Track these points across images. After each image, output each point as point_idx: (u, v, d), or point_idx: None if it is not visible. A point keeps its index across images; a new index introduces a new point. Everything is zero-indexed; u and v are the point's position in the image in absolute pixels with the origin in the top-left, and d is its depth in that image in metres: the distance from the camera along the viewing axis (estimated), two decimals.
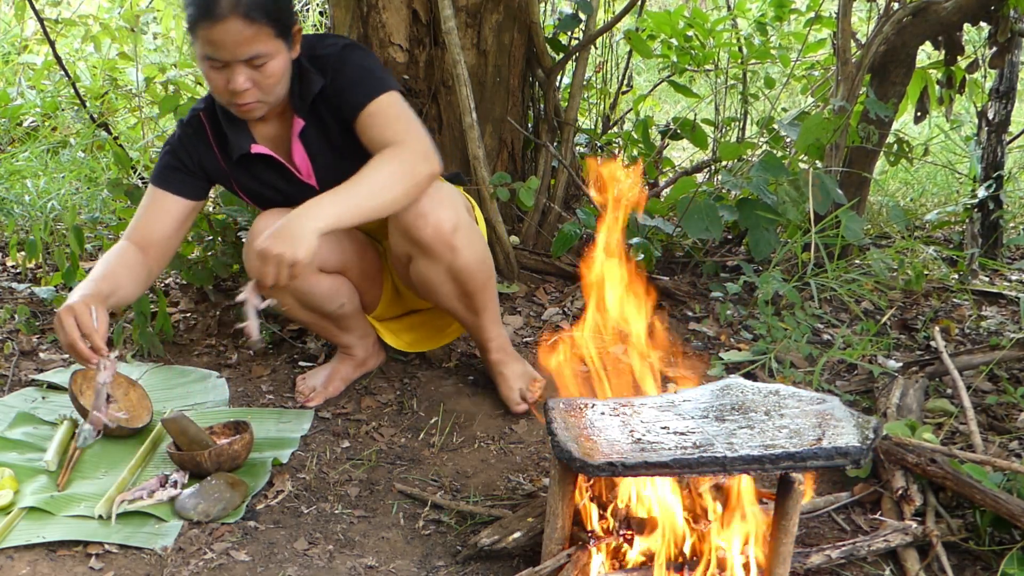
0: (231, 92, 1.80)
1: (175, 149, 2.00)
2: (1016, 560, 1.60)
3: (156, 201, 1.98)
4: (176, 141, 2.00)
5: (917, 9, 2.80)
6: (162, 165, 2.00)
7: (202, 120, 1.99)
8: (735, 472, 1.36)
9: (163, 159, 2.01)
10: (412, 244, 1.96)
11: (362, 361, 2.30)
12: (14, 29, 4.96)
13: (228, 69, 1.76)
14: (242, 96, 1.80)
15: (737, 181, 2.84)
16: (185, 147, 1.99)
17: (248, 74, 1.78)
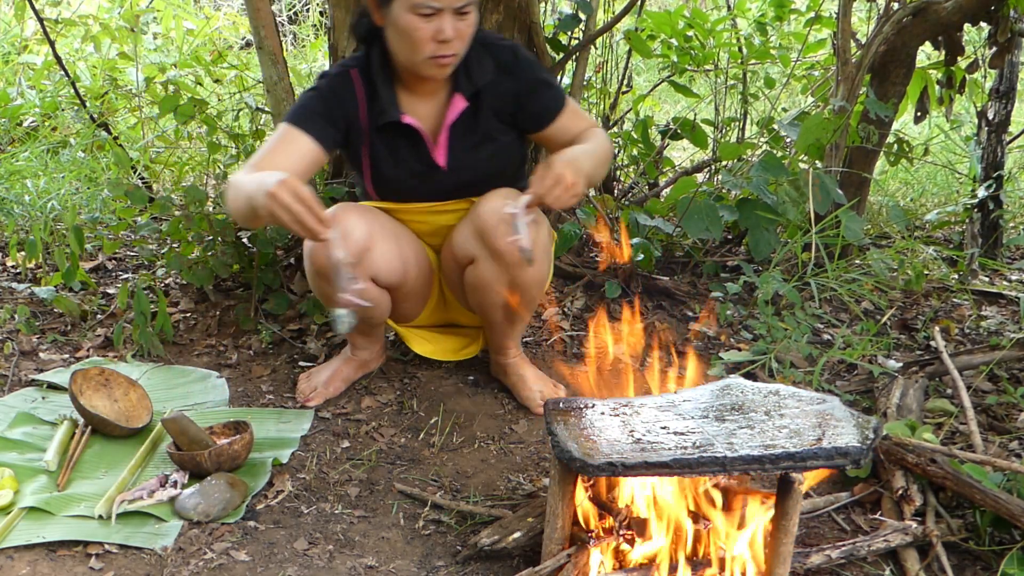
0: (439, 42, 1.81)
1: (323, 95, 1.95)
2: (1016, 560, 1.60)
3: (290, 139, 1.90)
4: (325, 88, 1.96)
5: (917, 9, 2.80)
6: (304, 107, 1.94)
7: (352, 77, 1.97)
8: (735, 472, 1.36)
9: (307, 102, 1.95)
10: (484, 247, 1.96)
11: (365, 363, 2.30)
12: (14, 29, 4.96)
13: (437, 18, 1.79)
14: (448, 46, 1.82)
15: (737, 181, 2.84)
16: (335, 95, 1.96)
17: (453, 24, 1.80)
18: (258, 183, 1.64)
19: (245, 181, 1.72)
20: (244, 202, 1.70)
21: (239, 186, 1.74)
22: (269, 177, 1.63)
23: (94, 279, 2.88)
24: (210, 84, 4.08)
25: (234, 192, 1.77)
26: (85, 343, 2.49)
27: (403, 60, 1.90)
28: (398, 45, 1.88)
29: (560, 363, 2.48)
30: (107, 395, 2.09)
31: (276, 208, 1.59)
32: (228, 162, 3.06)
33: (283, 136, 1.90)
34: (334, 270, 1.70)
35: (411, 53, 1.85)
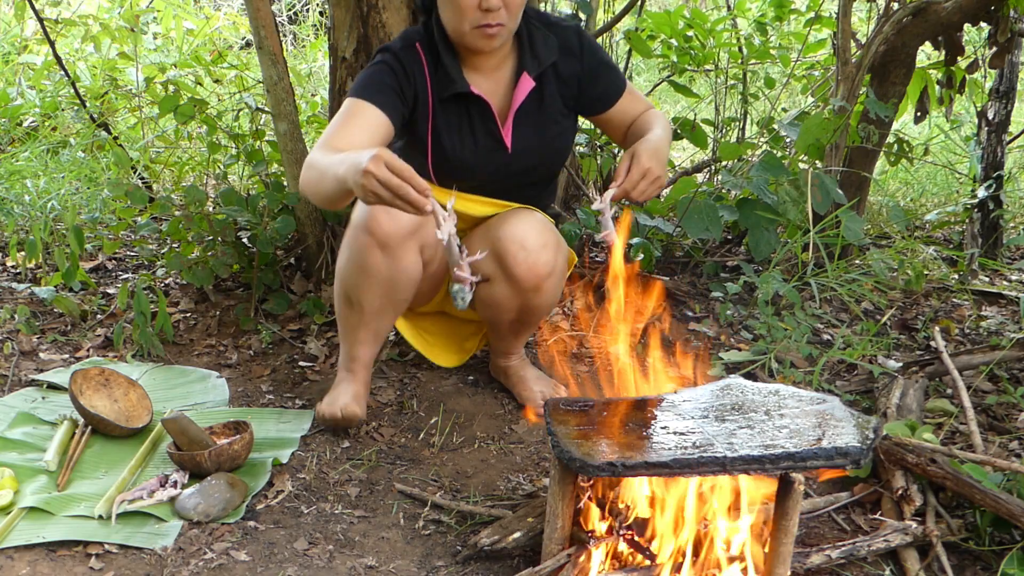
0: (484, 11, 1.77)
1: (392, 68, 1.88)
2: (1016, 560, 1.60)
3: (361, 113, 1.82)
4: (393, 60, 1.88)
5: (917, 9, 2.80)
6: (373, 80, 1.86)
7: (417, 49, 1.90)
8: (735, 472, 1.36)
9: (376, 75, 1.87)
10: (501, 270, 1.96)
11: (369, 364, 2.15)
12: (14, 29, 4.96)
13: None
14: (495, 15, 1.78)
15: (737, 181, 2.84)
16: (403, 67, 1.88)
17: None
18: (351, 163, 1.56)
19: (329, 162, 1.66)
20: (332, 184, 1.63)
21: (321, 168, 1.68)
22: (359, 155, 1.55)
23: (94, 279, 2.88)
24: (210, 84, 4.08)
25: (316, 174, 1.70)
26: (85, 343, 2.49)
27: (452, 31, 1.86)
28: (446, 14, 1.84)
29: (562, 363, 2.48)
30: (107, 395, 2.09)
31: (374, 186, 1.52)
32: (228, 162, 3.07)
33: (352, 110, 1.82)
34: (445, 245, 1.65)
35: (457, 22, 1.82)
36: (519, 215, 1.99)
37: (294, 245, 2.73)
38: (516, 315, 2.06)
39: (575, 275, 2.94)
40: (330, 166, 1.65)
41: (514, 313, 2.05)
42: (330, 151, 1.72)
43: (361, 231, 1.88)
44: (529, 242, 1.94)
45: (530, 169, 2.04)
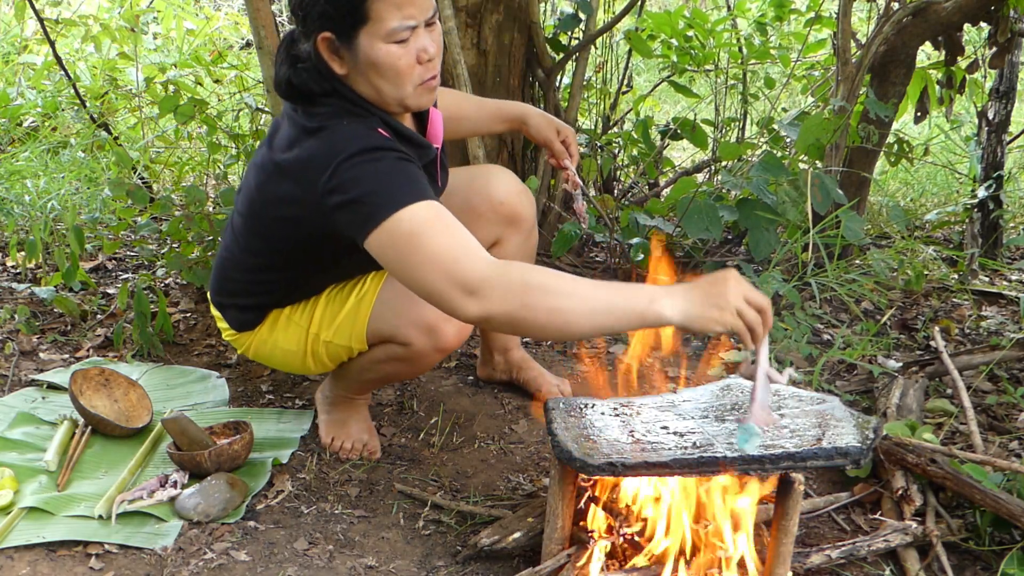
0: (424, 63, 1.54)
1: (411, 160, 1.55)
2: (1016, 560, 1.60)
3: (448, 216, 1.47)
4: (402, 155, 1.54)
5: (917, 9, 2.80)
6: (415, 179, 1.50)
7: (384, 135, 1.57)
8: (735, 472, 1.36)
9: (409, 174, 1.50)
10: (514, 226, 2.04)
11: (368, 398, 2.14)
12: (14, 29, 4.96)
13: (414, 39, 1.52)
14: (433, 65, 1.56)
15: (737, 181, 2.84)
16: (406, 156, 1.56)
17: (430, 37, 1.54)
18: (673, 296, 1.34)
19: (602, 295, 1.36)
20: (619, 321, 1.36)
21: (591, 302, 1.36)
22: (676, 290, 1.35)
23: (94, 279, 2.88)
24: (210, 84, 4.08)
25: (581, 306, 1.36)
26: (85, 343, 2.49)
27: (387, 100, 1.58)
28: (378, 84, 1.55)
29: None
30: (107, 395, 2.09)
31: (739, 325, 1.34)
32: (228, 162, 3.07)
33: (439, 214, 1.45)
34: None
35: (396, 88, 1.55)
36: (491, 173, 2.05)
37: None
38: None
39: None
40: (608, 295, 1.36)
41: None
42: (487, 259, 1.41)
43: (433, 353, 1.74)
44: (519, 186, 2.06)
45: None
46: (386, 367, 1.83)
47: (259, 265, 1.77)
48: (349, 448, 1.98)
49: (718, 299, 1.33)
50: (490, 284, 1.36)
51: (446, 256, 1.39)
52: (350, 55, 1.53)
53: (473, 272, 1.37)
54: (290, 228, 1.64)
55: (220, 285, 1.86)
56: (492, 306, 1.36)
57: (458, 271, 1.38)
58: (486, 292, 1.36)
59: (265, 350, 1.88)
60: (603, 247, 3.16)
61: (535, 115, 2.04)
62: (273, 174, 1.61)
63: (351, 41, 1.51)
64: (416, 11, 1.50)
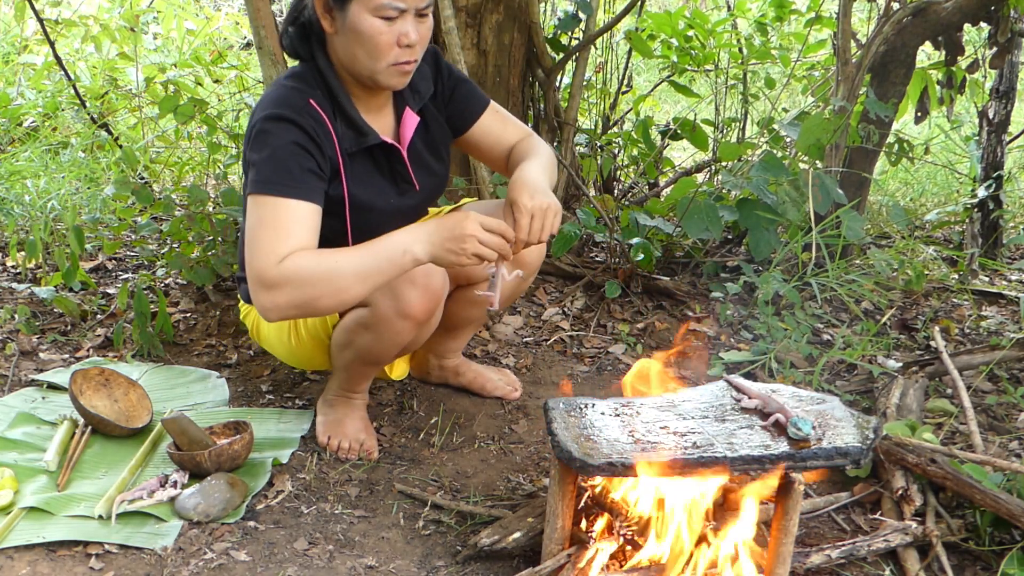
0: (404, 47, 1.63)
1: (303, 145, 1.64)
2: (1016, 560, 1.60)
3: (294, 214, 1.60)
4: (299, 134, 1.64)
5: (917, 9, 2.80)
6: (287, 167, 1.62)
7: (315, 107, 1.67)
8: (735, 472, 1.36)
9: (288, 160, 1.62)
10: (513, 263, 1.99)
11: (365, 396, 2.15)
12: (14, 29, 4.96)
13: (401, 21, 1.61)
14: (411, 51, 1.64)
15: (737, 181, 2.84)
16: (312, 138, 1.65)
17: (416, 26, 1.63)
18: (419, 238, 1.56)
19: (360, 257, 1.56)
20: (383, 275, 1.57)
21: (352, 267, 1.55)
22: (423, 228, 1.56)
23: (94, 279, 2.88)
24: (210, 84, 4.08)
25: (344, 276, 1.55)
26: (85, 343, 2.49)
27: (360, 70, 1.67)
28: (355, 52, 1.64)
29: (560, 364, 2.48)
30: (107, 395, 2.09)
31: (478, 247, 1.55)
32: (228, 162, 3.07)
33: (278, 214, 1.59)
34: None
35: (371, 61, 1.64)
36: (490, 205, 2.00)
37: None
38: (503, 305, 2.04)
39: (574, 276, 2.94)
40: (369, 258, 1.56)
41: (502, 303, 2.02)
42: (298, 258, 1.56)
43: (397, 318, 1.76)
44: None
45: (429, 200, 1.96)
46: (356, 339, 1.85)
47: None
48: (347, 448, 1.99)
49: (455, 234, 1.54)
50: (278, 282, 1.56)
51: (259, 251, 1.58)
52: (340, 17, 1.64)
53: (267, 270, 1.56)
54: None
55: (239, 258, 1.95)
56: (280, 299, 1.57)
57: (259, 267, 1.57)
58: (277, 289, 1.56)
59: (263, 326, 1.99)
60: (603, 247, 3.16)
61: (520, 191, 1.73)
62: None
63: (344, 5, 1.62)
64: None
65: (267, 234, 1.59)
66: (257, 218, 1.61)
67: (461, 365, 2.28)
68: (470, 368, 2.29)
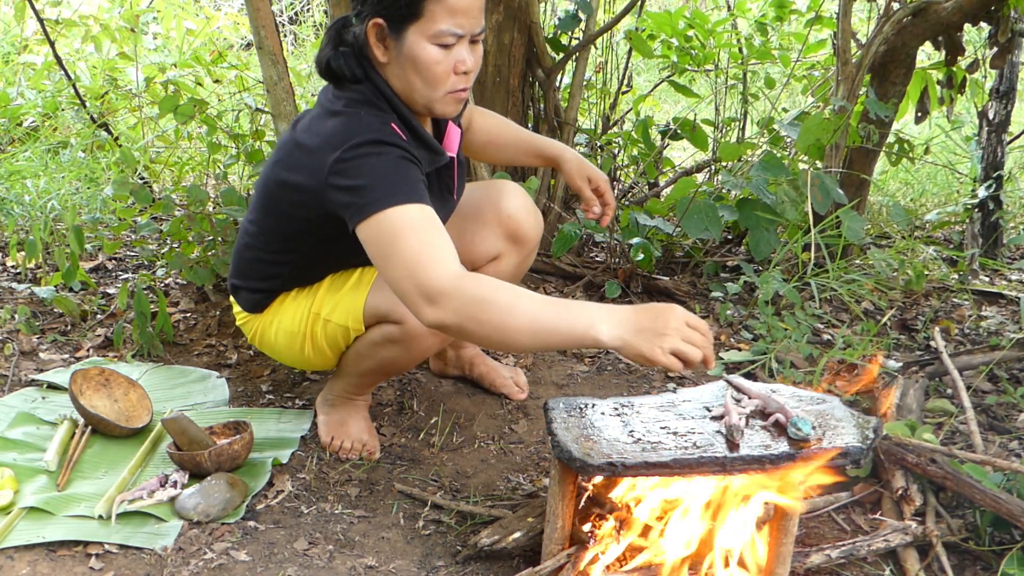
0: (459, 73, 1.61)
1: (412, 161, 1.60)
2: (1016, 560, 1.60)
3: (438, 222, 1.54)
4: (406, 154, 1.59)
5: (917, 9, 2.80)
6: (410, 179, 1.56)
7: (399, 132, 1.63)
8: (735, 472, 1.36)
9: (407, 172, 1.56)
10: (515, 244, 2.03)
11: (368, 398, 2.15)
12: (14, 29, 4.96)
13: (458, 47, 1.58)
14: (467, 78, 1.62)
15: (737, 181, 2.84)
16: (416, 159, 1.62)
17: (471, 52, 1.61)
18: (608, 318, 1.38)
19: (545, 311, 1.40)
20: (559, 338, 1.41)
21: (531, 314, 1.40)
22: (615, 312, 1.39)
23: (94, 279, 2.88)
24: (210, 84, 4.08)
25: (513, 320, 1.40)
26: (85, 343, 2.49)
27: (417, 98, 1.64)
28: (412, 81, 1.61)
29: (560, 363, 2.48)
30: (107, 395, 2.09)
31: (679, 346, 1.35)
32: (228, 162, 3.07)
33: (419, 218, 1.51)
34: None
35: (429, 89, 1.62)
36: (505, 188, 2.03)
37: None
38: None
39: (574, 276, 2.94)
40: (550, 313, 1.40)
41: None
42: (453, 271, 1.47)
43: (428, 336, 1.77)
44: (530, 206, 2.04)
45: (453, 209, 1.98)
46: (382, 351, 1.83)
47: (270, 247, 1.82)
48: (348, 448, 1.99)
49: (657, 325, 1.36)
50: (447, 295, 1.43)
51: (416, 261, 1.46)
52: (395, 46, 1.60)
53: (435, 281, 1.44)
54: (296, 204, 1.69)
55: (235, 267, 1.92)
56: (446, 316, 1.44)
57: (422, 278, 1.45)
58: (443, 303, 1.44)
59: (270, 333, 1.91)
60: (603, 247, 3.16)
61: (571, 158, 1.99)
62: (291, 150, 1.69)
63: (399, 33, 1.58)
64: (466, 22, 1.57)
65: (417, 243, 1.48)
66: (391, 234, 1.49)
67: (476, 357, 2.29)
68: (484, 361, 2.30)
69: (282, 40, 2.90)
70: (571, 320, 1.39)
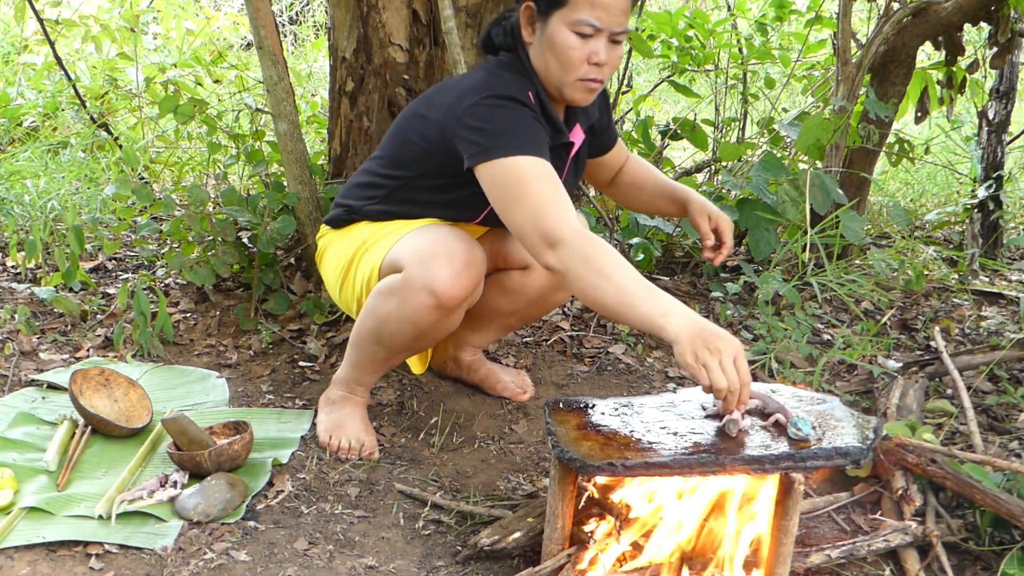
0: (593, 65, 1.70)
1: (537, 118, 1.73)
2: (1016, 560, 1.60)
3: (553, 174, 1.65)
4: (535, 116, 1.73)
5: (917, 9, 2.80)
6: (539, 136, 1.69)
7: (533, 100, 1.76)
8: (735, 472, 1.36)
9: (535, 131, 1.69)
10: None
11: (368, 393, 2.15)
12: (14, 29, 4.96)
13: (595, 40, 1.68)
14: (599, 71, 1.72)
15: (737, 181, 2.84)
16: (540, 122, 1.75)
17: (607, 49, 1.71)
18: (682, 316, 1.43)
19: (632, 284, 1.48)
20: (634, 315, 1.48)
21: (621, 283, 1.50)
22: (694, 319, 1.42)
23: (94, 279, 2.88)
24: (210, 84, 4.08)
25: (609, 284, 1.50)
26: (85, 343, 2.49)
27: (551, 78, 1.76)
28: (548, 62, 1.73)
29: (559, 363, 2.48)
30: (107, 395, 2.09)
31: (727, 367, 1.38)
32: (228, 162, 3.07)
33: (548, 174, 1.63)
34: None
35: (561, 72, 1.73)
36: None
37: (294, 245, 2.73)
38: (529, 307, 2.10)
39: None
40: (639, 288, 1.48)
41: (530, 305, 2.09)
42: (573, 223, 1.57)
43: (422, 290, 1.75)
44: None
45: None
46: (380, 306, 1.84)
47: (382, 168, 1.93)
48: (347, 447, 1.99)
49: (710, 345, 1.40)
50: (564, 245, 1.55)
51: (541, 208, 1.59)
52: (540, 28, 1.74)
53: (557, 229, 1.56)
54: (422, 133, 1.82)
55: (343, 189, 2.04)
56: (558, 263, 1.56)
57: (546, 223, 1.57)
58: (559, 250, 1.56)
59: (330, 252, 2.02)
60: None
61: (697, 199, 2.03)
62: (435, 91, 1.87)
63: (546, 17, 1.71)
64: (605, 16, 1.67)
65: (544, 192, 1.60)
66: (517, 179, 1.62)
67: (476, 362, 2.29)
68: (484, 365, 2.29)
69: (282, 40, 2.90)
70: (652, 303, 1.47)
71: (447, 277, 1.74)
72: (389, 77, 2.57)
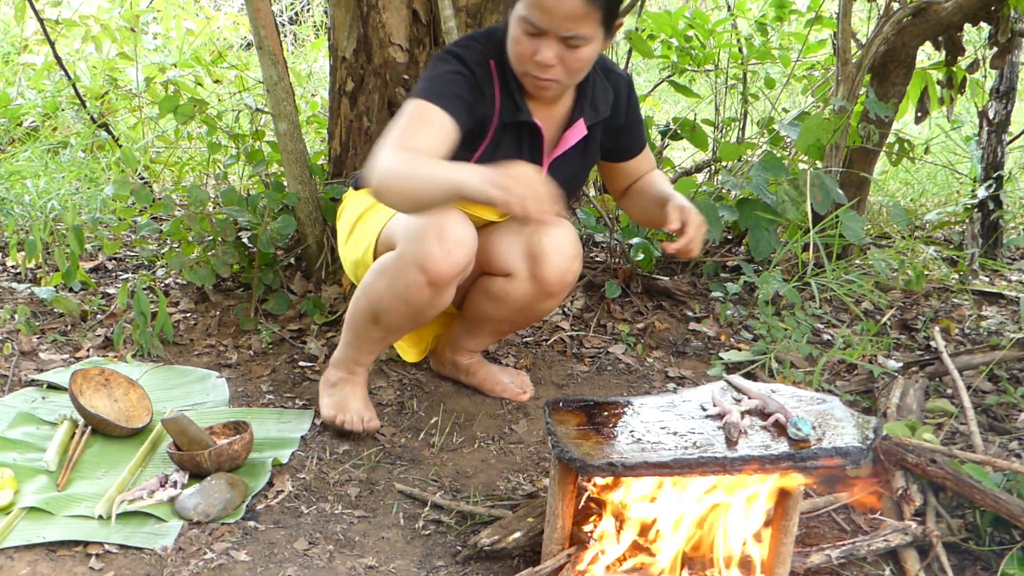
0: (536, 64, 1.74)
1: (468, 81, 1.80)
2: (1016, 560, 1.60)
3: (436, 119, 1.73)
4: (468, 74, 1.81)
5: (917, 9, 2.80)
6: (447, 86, 1.78)
7: (492, 68, 1.84)
8: (735, 472, 1.36)
9: (450, 82, 1.78)
10: (530, 271, 1.96)
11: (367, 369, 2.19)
12: (14, 29, 4.96)
13: (540, 39, 1.71)
14: (545, 71, 1.75)
15: (737, 181, 2.84)
16: (479, 85, 1.82)
17: (558, 51, 1.72)
18: (482, 171, 1.54)
19: (432, 168, 1.62)
20: (438, 190, 1.60)
21: (420, 172, 1.62)
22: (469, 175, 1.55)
23: (94, 279, 2.88)
24: (210, 84, 4.08)
25: (412, 179, 1.63)
26: (85, 343, 2.49)
27: (512, 65, 1.82)
28: (508, 49, 1.81)
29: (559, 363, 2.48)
30: (107, 395, 2.09)
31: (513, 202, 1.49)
32: (228, 162, 3.07)
33: (422, 113, 1.74)
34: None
35: (513, 62, 1.80)
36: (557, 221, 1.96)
37: (294, 245, 2.73)
38: (517, 315, 2.07)
39: None
40: (437, 173, 1.61)
41: (517, 313, 2.06)
42: (403, 152, 1.68)
43: (413, 268, 1.78)
44: (566, 249, 1.95)
45: None
46: (373, 284, 1.88)
47: None
48: (352, 421, 2.02)
49: (503, 173, 1.52)
50: (378, 160, 1.67)
51: (389, 135, 1.71)
52: (511, 14, 1.78)
53: (381, 149, 1.69)
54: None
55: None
56: (373, 180, 1.67)
57: (382, 146, 1.70)
58: (376, 168, 1.67)
59: (347, 210, 2.09)
60: (603, 247, 3.16)
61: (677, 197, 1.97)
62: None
63: (514, 6, 1.76)
64: (547, 19, 1.69)
65: (402, 126, 1.72)
66: (399, 115, 1.76)
67: (474, 364, 2.28)
68: (483, 367, 2.29)
69: (282, 40, 2.90)
70: (451, 171, 1.60)
71: (437, 254, 1.76)
72: (389, 77, 2.57)
